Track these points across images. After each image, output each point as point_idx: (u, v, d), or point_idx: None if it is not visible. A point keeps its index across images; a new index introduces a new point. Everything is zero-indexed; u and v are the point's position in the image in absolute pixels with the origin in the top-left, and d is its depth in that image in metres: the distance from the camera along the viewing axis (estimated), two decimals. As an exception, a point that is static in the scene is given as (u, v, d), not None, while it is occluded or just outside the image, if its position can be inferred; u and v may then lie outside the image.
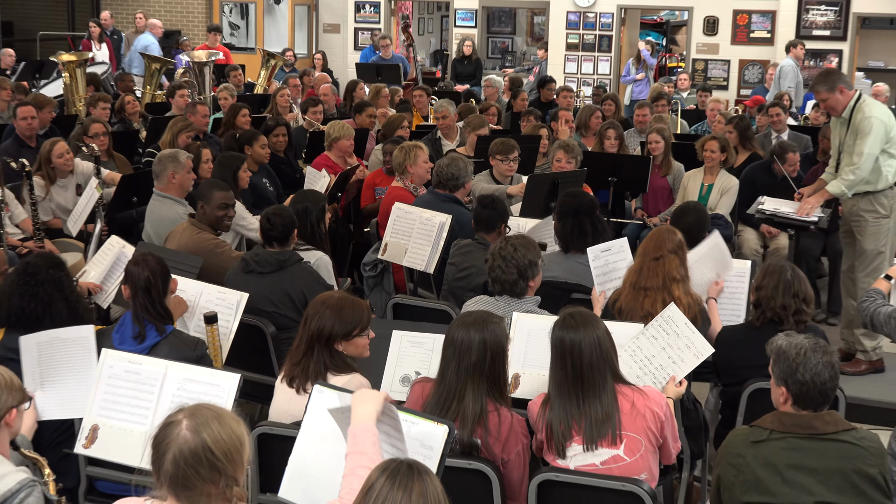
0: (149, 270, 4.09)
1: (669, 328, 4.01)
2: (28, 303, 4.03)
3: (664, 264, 4.47)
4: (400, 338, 4.19)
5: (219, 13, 17.62)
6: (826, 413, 3.30)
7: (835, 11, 14.15)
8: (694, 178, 7.74)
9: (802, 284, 4.32)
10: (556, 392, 3.50)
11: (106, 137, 7.54)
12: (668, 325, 4.02)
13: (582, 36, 15.27)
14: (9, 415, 2.95)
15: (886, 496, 3.28)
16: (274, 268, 4.95)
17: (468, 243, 5.49)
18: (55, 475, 3.10)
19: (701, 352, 3.98)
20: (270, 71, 12.89)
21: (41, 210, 6.54)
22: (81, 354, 3.84)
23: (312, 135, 8.88)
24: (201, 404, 2.59)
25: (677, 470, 4.32)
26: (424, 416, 3.05)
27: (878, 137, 5.91)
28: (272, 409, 3.84)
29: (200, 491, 2.45)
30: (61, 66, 11.58)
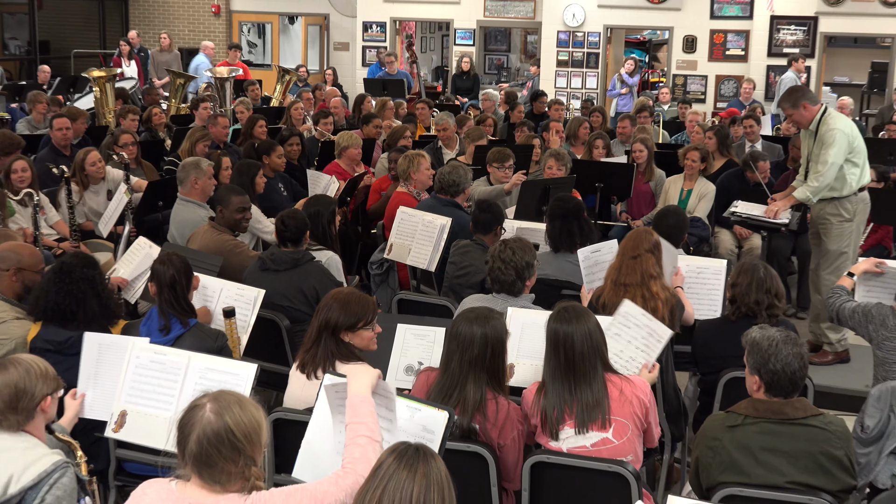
0: (173, 269, 4.10)
1: (629, 322, 4.00)
2: (63, 299, 4.03)
3: (641, 262, 4.47)
4: (404, 331, 4.19)
5: (238, 32, 17.62)
6: (796, 400, 3.30)
7: (803, 31, 14.15)
8: (674, 183, 7.75)
9: (774, 281, 4.32)
10: (550, 379, 3.50)
11: (134, 147, 7.55)
12: (626, 320, 4.00)
13: (571, 53, 15.26)
14: (44, 402, 2.94)
15: (851, 476, 3.29)
16: (288, 266, 4.95)
17: (467, 244, 5.49)
18: (87, 457, 3.10)
19: (662, 336, 3.97)
20: (285, 85, 12.88)
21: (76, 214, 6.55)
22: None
23: (324, 144, 8.88)
24: (224, 390, 2.60)
25: (659, 452, 4.32)
26: (427, 402, 3.05)
27: (841, 148, 5.92)
28: (286, 397, 3.83)
29: (221, 469, 2.46)
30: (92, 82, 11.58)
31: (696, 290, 5.00)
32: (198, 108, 9.67)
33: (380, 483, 2.26)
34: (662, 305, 4.42)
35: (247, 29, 17.90)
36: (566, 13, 15.10)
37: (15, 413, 2.89)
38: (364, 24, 16.34)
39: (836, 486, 3.23)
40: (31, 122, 9.78)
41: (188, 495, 2.50)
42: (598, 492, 3.35)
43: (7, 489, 2.79)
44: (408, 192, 6.66)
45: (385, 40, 16.17)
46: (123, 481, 3.86)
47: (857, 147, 6.03)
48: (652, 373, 3.91)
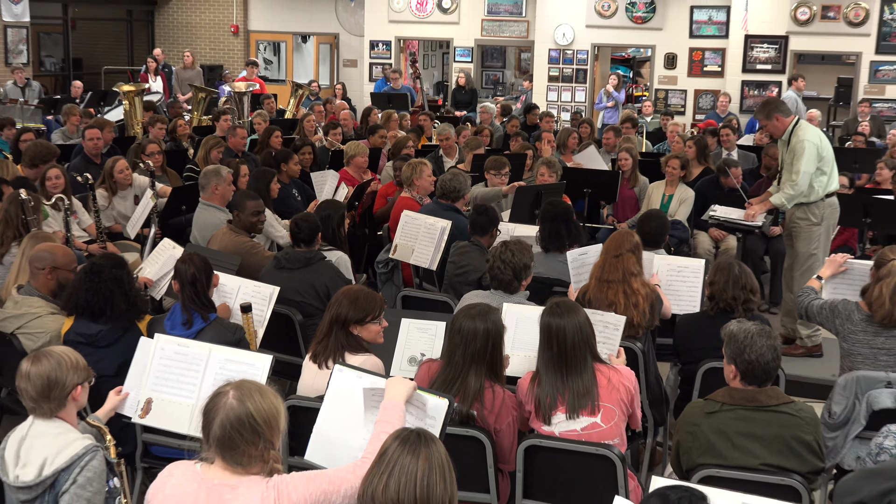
0: (195, 268, 4.09)
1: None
2: (92, 297, 4.02)
3: (623, 261, 4.47)
4: (408, 325, 4.19)
5: (255, 50, 17.62)
6: (769, 388, 3.30)
7: (775, 49, 14.14)
8: (657, 189, 7.74)
9: (749, 278, 4.32)
10: (543, 369, 3.49)
11: (160, 156, 7.55)
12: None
13: (561, 69, 15.26)
14: (74, 391, 2.93)
15: (819, 459, 3.28)
16: (301, 265, 4.95)
17: (465, 245, 5.49)
18: (115, 441, 3.09)
19: (616, 323, 3.96)
20: (298, 99, 12.88)
21: (104, 217, 6.55)
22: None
23: (334, 153, 8.88)
24: (245, 380, 2.61)
25: (643, 436, 4.32)
26: (428, 390, 3.05)
27: (810, 157, 5.91)
28: (300, 385, 3.83)
29: (243, 452, 2.47)
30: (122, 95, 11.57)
31: (676, 287, 5.00)
32: (219, 120, 9.67)
33: (386, 467, 2.26)
34: (643, 300, 4.43)
35: (263, 47, 17.89)
36: (557, 32, 15.10)
37: (48, 401, 2.88)
38: (371, 42, 16.34)
39: (805, 468, 3.23)
40: (66, 132, 9.77)
41: (212, 476, 2.50)
42: (587, 472, 3.35)
43: (42, 471, 2.78)
44: (411, 197, 6.65)
45: (390, 58, 16.18)
46: (149, 463, 3.86)
47: (826, 156, 6.02)
48: (619, 357, 3.90)
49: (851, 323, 4.27)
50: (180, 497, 2.49)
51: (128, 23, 17.70)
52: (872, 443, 3.27)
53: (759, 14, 14.05)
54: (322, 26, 17.25)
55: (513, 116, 11.87)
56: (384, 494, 2.23)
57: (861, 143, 10.25)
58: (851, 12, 13.74)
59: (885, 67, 13.80)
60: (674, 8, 14.67)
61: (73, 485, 2.77)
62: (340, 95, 14.33)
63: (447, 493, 2.26)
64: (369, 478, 2.28)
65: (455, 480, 2.30)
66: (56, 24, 16.22)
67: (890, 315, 4.13)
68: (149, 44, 17.40)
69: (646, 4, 14.77)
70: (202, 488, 2.48)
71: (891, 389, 3.87)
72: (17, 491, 2.82)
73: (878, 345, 4.21)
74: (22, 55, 13.80)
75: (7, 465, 2.84)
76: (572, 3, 14.93)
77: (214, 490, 2.47)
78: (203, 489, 2.48)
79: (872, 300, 4.18)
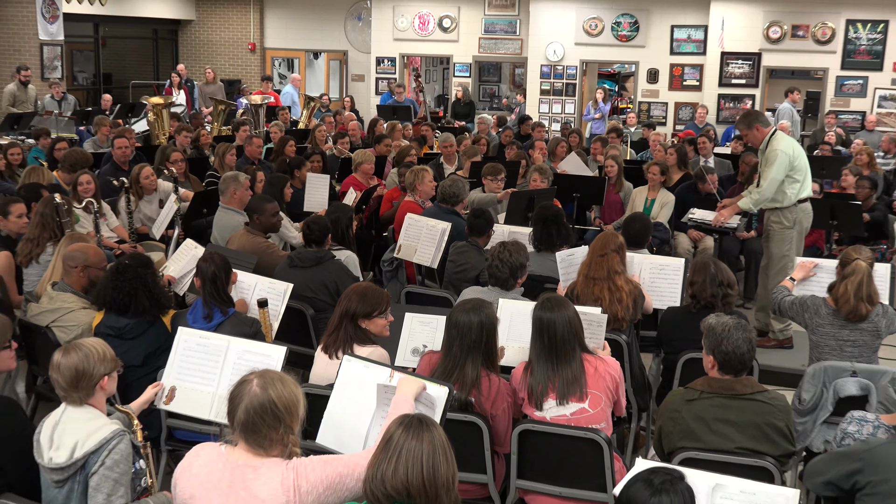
0: (215, 266, 4.08)
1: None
2: (118, 294, 4.01)
3: (608, 260, 4.46)
4: (411, 318, 4.18)
5: (270, 66, 17.61)
6: (744, 378, 3.29)
7: (749, 65, 14.14)
8: (640, 194, 7.73)
9: (724, 273, 4.30)
10: (535, 359, 3.48)
11: (183, 163, 7.54)
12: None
13: (552, 84, 15.25)
14: (102, 380, 2.92)
15: (790, 443, 3.28)
16: (313, 263, 4.94)
17: (463, 245, 5.49)
18: (142, 425, 3.08)
19: (598, 319, 3.93)
20: (310, 111, 12.86)
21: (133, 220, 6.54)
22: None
23: (342, 160, 8.87)
24: (268, 370, 2.61)
25: (627, 421, 4.31)
26: (429, 379, 3.03)
27: (781, 166, 5.89)
28: (312, 374, 3.82)
29: (264, 435, 2.47)
30: (150, 107, 11.56)
31: (658, 284, 4.99)
32: (238, 130, 9.66)
33: (394, 452, 2.25)
34: (626, 296, 4.41)
35: (278, 63, 17.88)
36: (548, 49, 15.09)
37: (77, 391, 2.88)
38: (377, 58, 16.34)
39: (777, 452, 3.22)
40: (96, 142, 9.76)
41: (236, 457, 2.50)
42: (576, 454, 3.34)
43: (73, 454, 2.78)
44: (414, 201, 6.65)
45: (395, 73, 16.17)
46: (173, 446, 3.86)
47: (798, 165, 5.99)
48: (605, 350, 3.89)
49: (819, 317, 4.27)
50: (206, 476, 2.50)
51: (154, 41, 17.69)
52: (838, 428, 3.27)
53: (734, 33, 14.06)
54: (332, 44, 17.24)
55: (507, 127, 11.86)
56: (394, 477, 2.22)
57: (828, 152, 10.24)
58: (819, 31, 13.74)
59: (850, 82, 13.81)
60: (655, 27, 14.68)
61: (101, 466, 2.76)
62: (349, 107, 14.31)
63: (450, 471, 2.26)
64: (377, 463, 2.27)
65: (455, 460, 2.30)
66: (88, 42, 16.21)
67: (854, 310, 4.13)
68: (173, 60, 17.38)
69: (630, 24, 14.77)
70: (227, 468, 2.48)
71: (855, 378, 3.87)
72: (51, 472, 2.82)
73: (843, 337, 4.21)
74: (56, 71, 13.79)
75: (42, 448, 2.84)
76: (562, 22, 14.93)
77: (238, 470, 2.47)
78: (227, 469, 2.48)
79: (838, 296, 4.18)
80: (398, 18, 16.03)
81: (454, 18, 15.84)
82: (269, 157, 8.74)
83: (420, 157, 8.88)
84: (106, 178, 7.06)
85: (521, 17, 15.51)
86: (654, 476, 2.15)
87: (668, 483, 2.12)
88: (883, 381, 3.84)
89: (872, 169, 8.99)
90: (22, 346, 4.36)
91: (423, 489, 2.21)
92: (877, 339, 4.23)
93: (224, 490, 2.46)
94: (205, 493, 2.48)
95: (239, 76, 17.15)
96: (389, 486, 2.23)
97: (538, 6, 15.00)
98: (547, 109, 15.36)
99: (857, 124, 13.31)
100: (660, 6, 14.57)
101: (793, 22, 13.84)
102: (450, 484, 2.25)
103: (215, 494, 2.46)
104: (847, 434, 3.18)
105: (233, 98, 14.45)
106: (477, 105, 15.87)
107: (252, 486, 2.44)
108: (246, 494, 2.44)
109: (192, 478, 2.51)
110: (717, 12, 14.05)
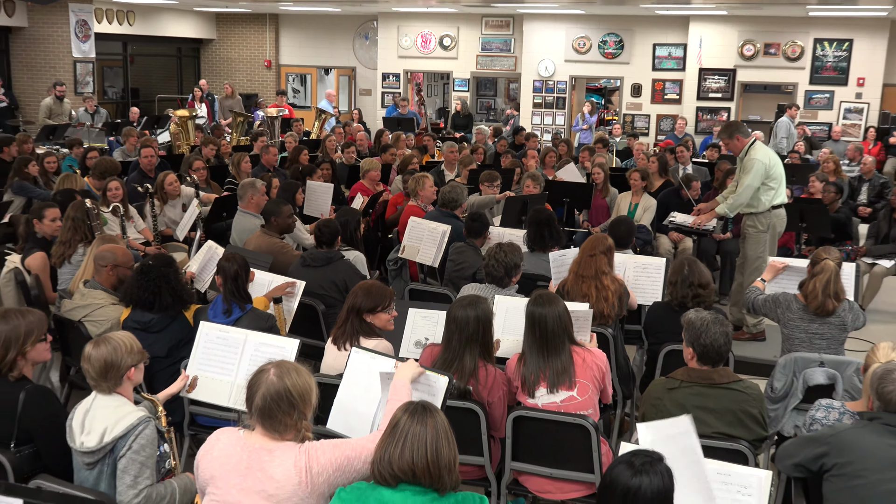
0: (237, 265, 4.08)
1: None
2: (143, 292, 4.00)
3: (596, 260, 4.45)
4: (414, 313, 4.17)
5: (285, 81, 17.60)
6: (721, 368, 3.28)
7: (725, 80, 14.14)
8: (625, 198, 7.72)
9: (697, 275, 4.24)
10: (528, 351, 3.48)
11: (204, 171, 7.53)
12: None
13: (544, 97, 15.24)
14: (129, 371, 2.92)
15: (763, 428, 3.27)
16: (324, 263, 4.93)
17: (461, 245, 5.49)
18: (166, 411, 3.08)
19: (585, 314, 3.90)
20: (321, 122, 12.86)
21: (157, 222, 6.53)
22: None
23: (351, 168, 8.86)
24: (285, 360, 2.62)
25: (613, 408, 4.30)
26: (431, 369, 3.03)
27: (757, 174, 5.88)
28: (323, 365, 3.81)
29: (280, 421, 2.47)
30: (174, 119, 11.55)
31: (641, 282, 4.99)
32: (256, 140, 9.65)
33: (400, 436, 2.25)
34: (612, 295, 4.41)
35: (292, 79, 17.87)
36: (540, 66, 15.09)
37: (106, 380, 2.87)
38: (383, 74, 16.33)
39: (751, 436, 3.21)
40: (125, 151, 9.75)
41: (253, 441, 2.50)
42: (566, 438, 3.33)
43: (102, 438, 2.77)
44: (417, 206, 6.64)
45: (399, 87, 16.15)
46: (195, 431, 3.85)
47: (774, 174, 5.99)
48: (592, 341, 3.88)
49: (791, 311, 4.26)
50: (226, 458, 2.49)
51: (178, 58, 17.68)
52: (807, 415, 3.26)
53: (711, 51, 14.05)
54: (342, 61, 17.24)
55: (502, 137, 11.84)
56: (400, 459, 2.22)
57: (797, 160, 10.23)
58: (789, 49, 13.73)
59: (817, 95, 13.80)
60: (639, 45, 14.67)
61: (128, 450, 2.76)
62: (357, 119, 14.31)
63: (451, 453, 2.26)
64: (384, 446, 2.27)
65: (455, 443, 2.30)
66: (117, 60, 16.21)
67: (822, 305, 4.12)
68: (195, 76, 17.38)
69: (615, 42, 14.76)
70: (245, 451, 2.48)
71: (823, 368, 3.87)
72: (82, 455, 2.81)
73: (812, 330, 4.20)
74: (88, 86, 13.80)
75: (74, 433, 2.83)
76: (553, 41, 14.93)
77: (255, 453, 2.47)
78: (245, 452, 2.48)
79: (808, 293, 4.17)
80: (402, 37, 16.02)
81: (454, 37, 15.84)
82: (284, 165, 8.73)
83: (422, 165, 8.87)
84: (132, 184, 7.05)
85: (515, 36, 15.50)
86: (635, 458, 2.14)
87: (647, 464, 2.12)
88: (848, 371, 3.84)
89: (838, 176, 8.99)
90: (56, 339, 4.36)
91: (427, 470, 2.21)
92: (843, 333, 4.23)
93: (242, 471, 2.46)
94: (224, 473, 2.47)
95: (256, 90, 17.14)
96: (396, 467, 2.22)
97: (531, 26, 14.99)
98: (539, 121, 15.35)
99: (825, 135, 13.29)
100: (643, 26, 14.56)
101: (765, 40, 13.83)
102: (451, 465, 2.25)
103: (234, 475, 2.46)
104: (815, 420, 3.17)
105: (250, 111, 14.45)
106: (475, 117, 15.86)
107: (267, 468, 2.44)
108: (262, 475, 2.44)
109: (213, 460, 2.51)
110: (695, 32, 14.05)
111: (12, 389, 3.03)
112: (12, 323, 3.08)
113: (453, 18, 15.70)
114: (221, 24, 17.51)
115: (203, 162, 7.71)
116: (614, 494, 2.11)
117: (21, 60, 13.65)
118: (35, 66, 13.58)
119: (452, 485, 2.26)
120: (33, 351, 3.12)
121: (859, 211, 8.84)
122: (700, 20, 13.98)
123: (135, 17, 15.59)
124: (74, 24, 13.38)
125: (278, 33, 17.43)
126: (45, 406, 3.05)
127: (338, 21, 16.95)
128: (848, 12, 12.20)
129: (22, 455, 2.97)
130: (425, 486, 2.23)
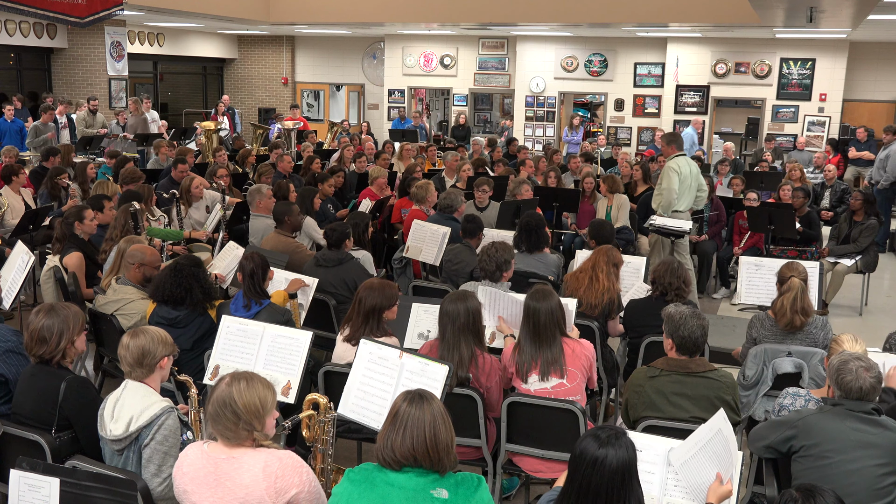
0: (254, 263, 4.05)
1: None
2: (175, 289, 3.96)
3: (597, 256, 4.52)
4: (417, 308, 4.16)
5: (300, 96, 17.59)
6: (698, 358, 3.27)
7: (700, 95, 14.12)
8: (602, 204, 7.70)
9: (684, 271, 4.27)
10: (523, 340, 3.46)
11: (227, 178, 7.52)
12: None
13: (535, 111, 15.23)
14: (161, 361, 2.89)
15: (736, 413, 3.25)
16: (335, 263, 4.91)
17: (458, 245, 5.49)
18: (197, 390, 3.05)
19: (570, 308, 3.79)
20: (333, 134, 12.83)
21: (184, 224, 6.51)
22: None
23: (360, 175, 8.83)
24: (246, 371, 2.46)
25: (599, 394, 4.28)
26: (433, 359, 3.01)
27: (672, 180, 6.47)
28: (334, 355, 3.79)
29: (224, 426, 2.35)
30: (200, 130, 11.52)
31: (623, 278, 4.95)
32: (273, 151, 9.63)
33: (400, 423, 2.21)
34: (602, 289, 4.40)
35: (306, 94, 17.85)
36: (532, 83, 15.08)
37: (140, 368, 2.85)
38: (389, 90, 16.31)
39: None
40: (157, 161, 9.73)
41: (217, 452, 2.39)
42: (555, 422, 3.31)
43: (129, 427, 2.74)
44: (421, 210, 6.62)
45: (404, 102, 16.13)
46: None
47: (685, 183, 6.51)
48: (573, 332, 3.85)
49: (764, 328, 4.15)
50: (194, 473, 2.39)
51: (203, 76, 17.66)
52: (776, 401, 3.23)
53: (687, 69, 14.05)
54: (352, 78, 17.23)
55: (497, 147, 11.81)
56: (402, 444, 2.19)
57: (766, 168, 10.22)
58: (758, 67, 13.72)
59: (784, 110, 13.78)
60: (621, 64, 14.66)
61: (152, 441, 2.72)
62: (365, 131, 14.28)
63: (449, 436, 2.23)
64: (386, 433, 2.23)
65: (452, 427, 2.26)
66: (148, 77, 16.20)
67: (791, 322, 4.01)
68: (219, 91, 17.36)
69: (600, 61, 14.75)
70: (210, 463, 2.37)
71: (791, 358, 3.84)
72: (111, 442, 2.78)
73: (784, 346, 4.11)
74: (122, 101, 13.78)
75: (105, 422, 2.81)
76: (544, 60, 14.92)
77: (222, 464, 2.36)
78: (211, 464, 2.37)
79: (776, 310, 4.09)
80: (407, 57, 16.01)
81: (453, 57, 15.82)
82: (299, 172, 8.70)
83: (425, 173, 8.84)
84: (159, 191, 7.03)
85: (509, 56, 15.48)
86: (601, 432, 2.13)
87: (612, 437, 2.11)
88: (814, 361, 3.81)
89: (803, 182, 8.98)
90: (91, 331, 4.33)
91: (427, 453, 2.18)
92: (814, 349, 4.12)
93: (212, 483, 2.35)
94: (196, 488, 2.37)
95: (273, 105, 17.13)
96: (398, 452, 2.19)
97: (524, 47, 14.98)
98: (531, 133, 15.34)
99: (790, 145, 13.27)
100: (625, 46, 14.54)
101: (736, 60, 13.81)
102: (449, 447, 2.22)
103: (205, 488, 2.36)
104: (783, 406, 3.15)
105: (268, 123, 14.43)
106: (472, 129, 15.84)
107: (235, 477, 2.33)
108: (231, 484, 2.33)
109: (184, 476, 2.41)
110: (672, 52, 14.04)
111: (55, 378, 3.01)
112: (62, 314, 3.08)
113: (453, 40, 15.69)
114: (243, 45, 17.50)
115: (226, 170, 7.70)
116: (582, 463, 2.10)
117: (61, 78, 13.69)
118: (74, 83, 13.60)
119: (451, 465, 2.23)
120: (78, 340, 3.11)
121: (822, 215, 8.82)
122: (677, 41, 13.97)
123: (164, 39, 15.59)
124: (109, 45, 13.39)
125: (294, 53, 17.42)
126: (84, 395, 3.02)
127: (348, 42, 16.94)
128: (811, 34, 12.17)
129: (61, 440, 2.95)
130: (426, 469, 2.19)
